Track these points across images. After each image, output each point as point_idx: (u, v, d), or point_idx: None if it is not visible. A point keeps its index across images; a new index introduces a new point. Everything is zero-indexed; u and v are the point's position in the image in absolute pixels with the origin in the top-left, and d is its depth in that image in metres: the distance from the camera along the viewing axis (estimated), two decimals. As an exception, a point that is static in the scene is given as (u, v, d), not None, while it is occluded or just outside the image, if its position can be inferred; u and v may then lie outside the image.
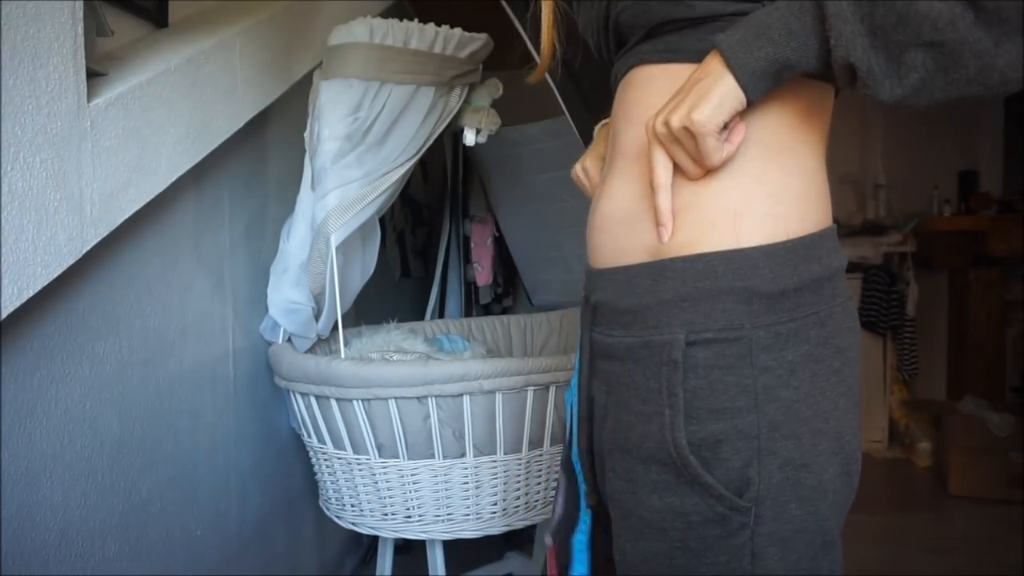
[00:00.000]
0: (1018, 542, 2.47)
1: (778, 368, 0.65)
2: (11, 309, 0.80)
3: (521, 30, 1.87)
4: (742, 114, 0.66)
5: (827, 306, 0.68)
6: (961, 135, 3.84)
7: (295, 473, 1.73)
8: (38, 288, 0.84)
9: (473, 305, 2.76)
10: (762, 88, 0.65)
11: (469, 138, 1.71)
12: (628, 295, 0.72)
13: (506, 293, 2.93)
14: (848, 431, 0.69)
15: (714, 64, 0.65)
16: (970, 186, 3.78)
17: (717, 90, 0.64)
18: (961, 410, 3.07)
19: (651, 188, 0.70)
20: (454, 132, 2.17)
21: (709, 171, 0.68)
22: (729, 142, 0.67)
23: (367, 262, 1.69)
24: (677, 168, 0.69)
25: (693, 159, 0.67)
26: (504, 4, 1.89)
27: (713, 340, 0.66)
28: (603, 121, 0.95)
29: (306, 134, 1.53)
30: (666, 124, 0.67)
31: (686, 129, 0.65)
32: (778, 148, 0.69)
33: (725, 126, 0.65)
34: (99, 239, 0.95)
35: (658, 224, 0.69)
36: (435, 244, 2.79)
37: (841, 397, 0.68)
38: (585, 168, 0.93)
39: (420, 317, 2.66)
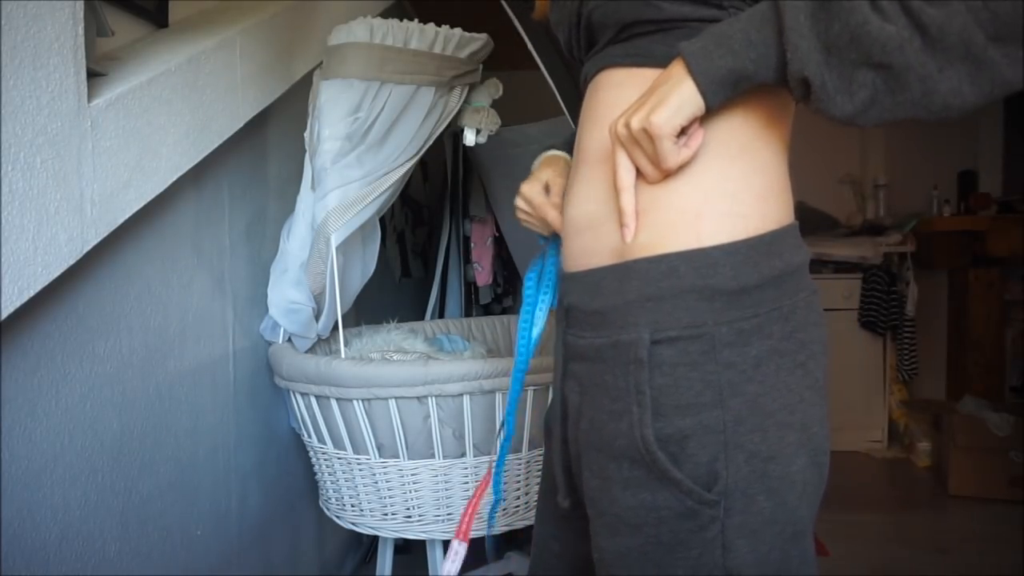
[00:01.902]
0: (1018, 542, 2.47)
1: (742, 363, 0.67)
2: (11, 309, 0.80)
3: (521, 30, 1.87)
4: (705, 117, 0.68)
5: (790, 301, 0.69)
6: (961, 135, 3.84)
7: (295, 473, 1.73)
8: (38, 288, 0.84)
9: (473, 305, 2.76)
10: (721, 96, 0.66)
11: (469, 138, 1.71)
12: (596, 297, 0.74)
13: (506, 293, 2.93)
14: (814, 423, 0.70)
15: (677, 70, 0.67)
16: (970, 186, 3.78)
17: (676, 95, 0.66)
18: (961, 410, 3.07)
19: (615, 190, 0.72)
20: (454, 132, 2.17)
21: (667, 174, 0.69)
22: (687, 146, 0.68)
23: (367, 262, 1.69)
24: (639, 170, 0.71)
25: (651, 161, 0.69)
26: (504, 4, 1.89)
27: (677, 338, 0.67)
28: (548, 153, 0.97)
29: (306, 134, 1.53)
30: (627, 126, 0.69)
31: (644, 131, 0.67)
32: (740, 149, 0.71)
33: (684, 131, 0.67)
34: (99, 239, 0.95)
35: (622, 225, 0.72)
36: (435, 244, 2.79)
37: (807, 390, 0.69)
38: (532, 196, 0.94)
39: (420, 317, 2.66)
